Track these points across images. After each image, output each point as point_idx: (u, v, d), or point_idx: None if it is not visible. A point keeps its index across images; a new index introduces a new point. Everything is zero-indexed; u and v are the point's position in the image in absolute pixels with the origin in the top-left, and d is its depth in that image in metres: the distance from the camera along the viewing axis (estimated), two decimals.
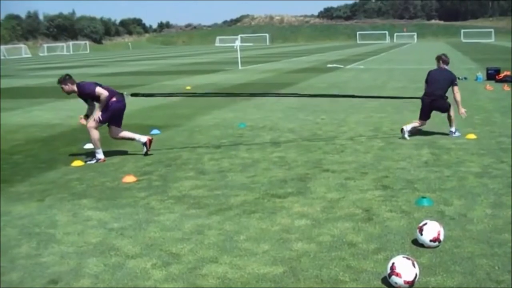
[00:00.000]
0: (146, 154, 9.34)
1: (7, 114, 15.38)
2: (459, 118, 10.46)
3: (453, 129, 10.27)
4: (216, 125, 12.08)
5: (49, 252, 5.17)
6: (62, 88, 9.14)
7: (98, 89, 8.92)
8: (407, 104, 13.60)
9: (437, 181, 7.19)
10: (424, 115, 10.26)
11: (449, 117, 10.26)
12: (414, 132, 10.18)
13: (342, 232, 5.46)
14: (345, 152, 9.12)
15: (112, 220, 6.03)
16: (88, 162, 8.95)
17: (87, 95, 9.12)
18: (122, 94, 9.38)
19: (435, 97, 10.06)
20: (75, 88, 9.11)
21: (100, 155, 9.13)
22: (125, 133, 9.47)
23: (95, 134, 9.05)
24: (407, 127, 10.08)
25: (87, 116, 9.28)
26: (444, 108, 10.19)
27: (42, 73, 37.04)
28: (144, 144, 9.36)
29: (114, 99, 9.15)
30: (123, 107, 9.33)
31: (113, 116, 9.23)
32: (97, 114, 9.04)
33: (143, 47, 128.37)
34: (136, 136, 9.47)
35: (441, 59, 10.57)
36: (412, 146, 9.36)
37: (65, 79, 9.13)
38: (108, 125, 9.35)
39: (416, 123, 10.25)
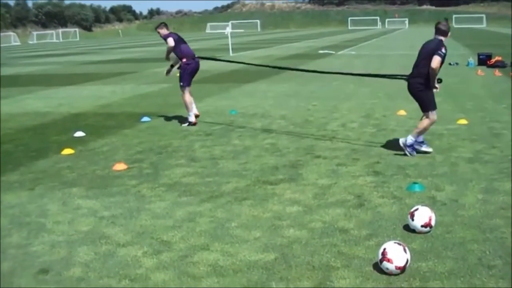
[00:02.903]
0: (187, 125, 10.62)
1: None
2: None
3: (408, 139, 7.76)
4: (208, 113, 12.03)
5: (39, 241, 5.14)
6: (158, 32, 10.71)
7: (169, 39, 10.39)
8: (399, 91, 13.58)
9: (429, 167, 7.19)
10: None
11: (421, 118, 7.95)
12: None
13: (334, 218, 5.45)
14: (337, 138, 9.11)
15: (103, 209, 6.00)
16: (183, 125, 10.58)
17: (165, 41, 10.49)
18: (193, 56, 10.59)
19: (409, 76, 7.95)
20: (166, 33, 10.57)
21: (191, 118, 10.61)
22: (188, 99, 10.64)
23: (187, 100, 10.60)
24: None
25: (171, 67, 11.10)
26: (414, 93, 7.89)
27: (32, 61, 36.74)
28: (190, 122, 10.63)
29: (184, 60, 10.46)
30: (194, 67, 10.59)
31: (188, 76, 10.56)
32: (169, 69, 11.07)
33: (134, 34, 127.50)
34: (190, 112, 10.68)
35: (435, 27, 7.89)
36: (404, 132, 9.35)
37: (160, 25, 10.76)
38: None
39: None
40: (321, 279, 4.18)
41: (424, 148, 7.92)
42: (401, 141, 7.88)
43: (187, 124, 10.64)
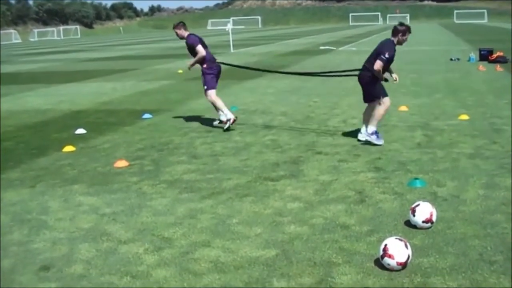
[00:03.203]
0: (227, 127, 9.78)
1: None
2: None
3: (368, 129, 8.21)
4: (208, 109, 12.00)
5: (40, 239, 5.14)
6: (176, 32, 9.94)
7: (199, 47, 9.73)
8: (400, 86, 13.57)
9: (430, 162, 7.19)
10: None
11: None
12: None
13: (335, 214, 5.45)
14: (338, 134, 9.11)
15: (104, 206, 6.00)
16: (225, 128, 9.73)
17: (189, 46, 9.88)
18: (214, 60, 10.00)
19: (361, 70, 8.41)
20: (185, 35, 9.85)
21: (229, 115, 9.76)
22: (216, 100, 9.92)
23: (217, 101, 9.88)
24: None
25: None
26: (363, 83, 8.39)
27: (32, 58, 36.75)
28: (226, 121, 9.76)
29: (205, 65, 9.85)
30: (216, 72, 10.00)
31: (211, 80, 9.91)
32: (189, 63, 10.15)
33: (135, 31, 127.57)
34: (225, 110, 9.88)
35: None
36: (405, 128, 9.35)
37: (178, 24, 9.94)
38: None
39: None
40: (322, 275, 4.18)
41: (375, 141, 8.19)
42: (363, 135, 8.32)
43: (218, 122, 10.17)
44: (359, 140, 8.43)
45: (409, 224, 5.06)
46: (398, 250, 4.16)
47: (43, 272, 4.43)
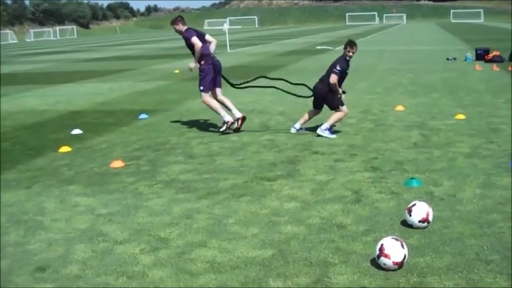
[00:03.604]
0: (225, 128, 9.42)
1: None
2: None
3: (322, 126, 8.99)
4: (205, 109, 11.96)
5: (37, 239, 5.12)
6: (174, 28, 9.57)
7: (193, 39, 9.23)
8: (397, 86, 13.60)
9: (427, 162, 7.19)
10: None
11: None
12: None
13: (331, 214, 5.45)
14: (335, 134, 9.10)
15: (100, 206, 5.99)
16: (221, 130, 9.38)
17: (185, 39, 9.42)
18: (211, 56, 9.46)
19: (316, 84, 9.23)
20: (183, 29, 9.45)
21: (226, 117, 9.37)
22: (212, 103, 9.52)
23: (211, 103, 9.48)
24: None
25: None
26: (321, 96, 9.16)
27: (29, 59, 36.68)
28: (226, 123, 9.40)
29: (202, 62, 9.36)
30: (212, 68, 9.41)
31: (210, 79, 9.43)
32: (191, 64, 9.59)
33: (131, 31, 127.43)
34: (221, 112, 9.47)
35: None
36: (402, 128, 9.36)
37: (176, 19, 9.58)
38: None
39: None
40: (318, 275, 4.17)
41: (326, 134, 8.90)
42: (318, 131, 8.96)
43: (224, 127, 9.43)
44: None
45: (405, 223, 5.06)
46: (394, 250, 4.16)
47: (39, 273, 4.41)
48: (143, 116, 11.42)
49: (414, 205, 5.02)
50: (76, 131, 10.05)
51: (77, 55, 38.49)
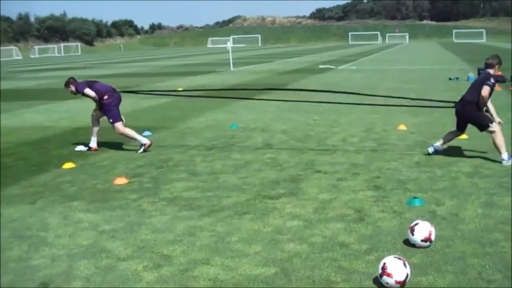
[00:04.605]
0: (143, 150, 9.66)
1: None
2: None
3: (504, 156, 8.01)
4: (208, 127, 12.07)
5: (40, 255, 5.14)
6: (70, 91, 9.85)
7: (86, 91, 9.65)
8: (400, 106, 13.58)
9: (429, 181, 7.21)
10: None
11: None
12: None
13: (334, 232, 5.46)
14: (337, 153, 9.13)
15: (104, 223, 6.01)
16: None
17: (83, 94, 9.81)
18: (113, 89, 9.88)
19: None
20: (75, 89, 9.77)
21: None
22: (126, 131, 9.79)
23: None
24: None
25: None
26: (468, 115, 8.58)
27: (33, 75, 36.88)
28: (141, 145, 9.70)
29: (105, 97, 9.70)
30: (117, 100, 9.82)
31: (113, 111, 9.73)
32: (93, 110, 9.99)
33: (135, 49, 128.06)
34: (138, 138, 9.80)
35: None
36: (404, 147, 9.39)
37: (68, 82, 9.82)
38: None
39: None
40: None
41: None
42: (504, 163, 7.89)
43: (141, 149, 9.66)
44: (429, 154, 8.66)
45: (407, 242, 5.07)
46: (396, 269, 4.17)
47: None
48: (146, 133, 11.45)
49: (416, 224, 5.04)
50: (80, 148, 10.10)
51: (81, 72, 38.66)
